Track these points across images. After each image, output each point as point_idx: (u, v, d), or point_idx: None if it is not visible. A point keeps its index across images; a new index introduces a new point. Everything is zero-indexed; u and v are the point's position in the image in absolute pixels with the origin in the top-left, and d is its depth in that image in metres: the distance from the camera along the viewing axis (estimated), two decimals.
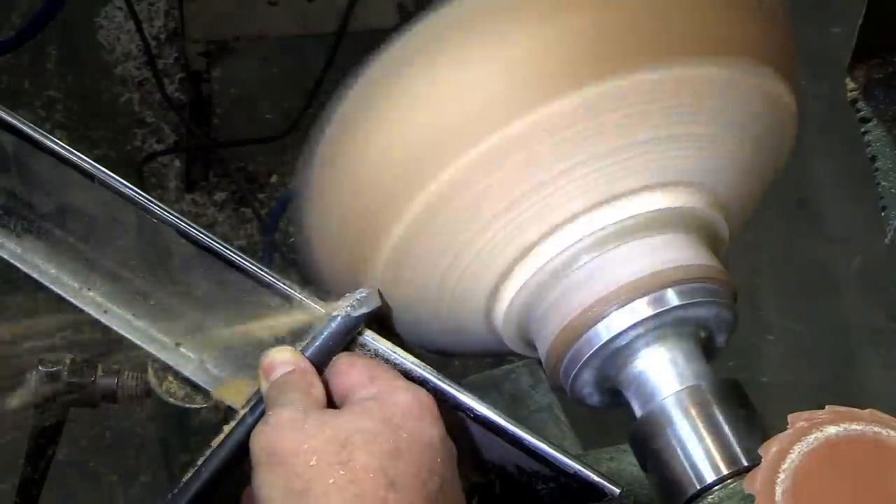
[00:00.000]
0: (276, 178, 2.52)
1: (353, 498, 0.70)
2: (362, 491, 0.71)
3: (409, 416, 0.76)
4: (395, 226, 0.82)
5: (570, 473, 0.82)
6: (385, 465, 0.72)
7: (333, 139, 0.85)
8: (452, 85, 0.79)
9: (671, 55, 0.79)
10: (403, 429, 0.75)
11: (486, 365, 1.58)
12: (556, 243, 0.82)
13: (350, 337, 0.83)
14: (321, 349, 0.82)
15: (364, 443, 0.73)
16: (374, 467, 0.72)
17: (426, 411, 0.77)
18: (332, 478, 0.71)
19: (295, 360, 0.80)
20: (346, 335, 0.83)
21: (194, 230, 0.87)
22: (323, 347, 0.82)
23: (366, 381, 0.79)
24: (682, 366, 0.81)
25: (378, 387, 0.78)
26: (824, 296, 2.44)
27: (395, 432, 0.74)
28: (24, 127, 0.88)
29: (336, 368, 0.81)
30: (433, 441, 0.76)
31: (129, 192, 0.87)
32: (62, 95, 2.59)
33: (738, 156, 0.85)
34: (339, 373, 0.80)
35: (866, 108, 1.11)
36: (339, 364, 0.81)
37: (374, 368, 0.80)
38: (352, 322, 0.83)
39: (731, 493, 0.76)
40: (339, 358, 0.82)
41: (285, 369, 0.80)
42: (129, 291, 0.90)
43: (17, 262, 0.91)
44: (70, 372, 0.99)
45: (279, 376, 0.80)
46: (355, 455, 0.72)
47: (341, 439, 0.73)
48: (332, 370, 0.81)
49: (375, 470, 0.72)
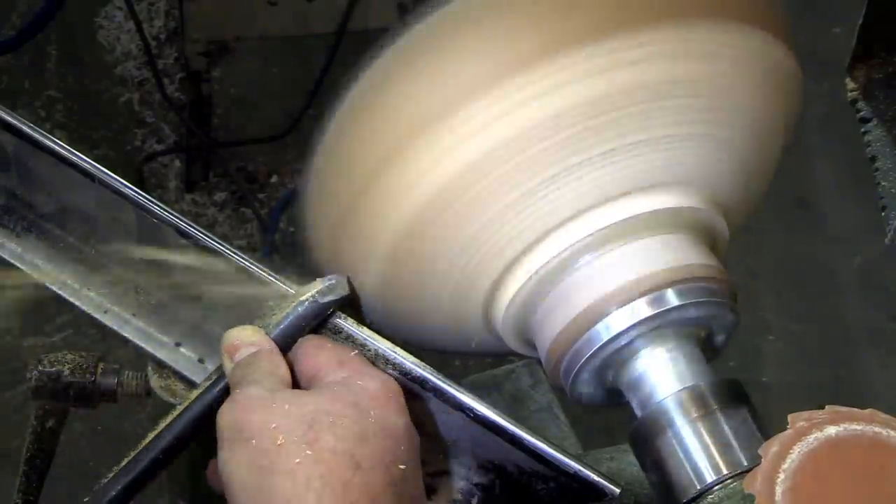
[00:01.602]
0: (276, 178, 2.52)
1: (319, 478, 0.71)
2: (328, 471, 0.71)
3: (376, 401, 0.76)
4: (394, 225, 0.82)
5: (570, 473, 0.82)
6: (351, 448, 0.72)
7: (334, 138, 0.85)
8: (451, 84, 0.79)
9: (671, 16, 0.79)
10: (371, 414, 0.75)
11: (486, 365, 1.58)
12: (555, 243, 0.82)
13: (316, 322, 0.83)
14: (286, 332, 0.81)
15: (331, 425, 0.73)
16: (340, 449, 0.72)
17: (393, 399, 0.78)
18: (298, 457, 0.71)
19: (259, 341, 0.80)
20: (313, 320, 0.82)
21: (194, 230, 0.87)
22: (288, 331, 0.82)
23: (334, 365, 0.79)
24: (682, 366, 0.81)
25: (347, 371, 0.78)
26: (824, 296, 2.44)
27: (363, 417, 0.75)
28: (24, 127, 0.88)
29: (303, 350, 0.81)
30: (398, 428, 0.76)
31: (129, 192, 0.87)
32: (62, 95, 2.58)
33: (737, 155, 0.85)
34: (306, 354, 0.81)
35: (866, 108, 1.11)
36: (307, 346, 0.81)
37: (343, 353, 0.80)
38: (319, 308, 0.82)
39: (731, 493, 0.76)
40: (306, 339, 0.82)
41: (250, 350, 0.80)
42: (129, 291, 0.90)
43: (17, 262, 0.91)
44: (70, 372, 0.99)
45: (244, 356, 0.80)
46: (322, 436, 0.72)
47: (309, 420, 0.73)
48: (300, 351, 0.81)
49: (342, 452, 0.72)
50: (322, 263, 0.90)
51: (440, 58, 0.80)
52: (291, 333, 0.82)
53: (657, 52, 0.79)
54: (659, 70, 0.79)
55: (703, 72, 0.81)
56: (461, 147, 0.79)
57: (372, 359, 0.82)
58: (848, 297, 2.44)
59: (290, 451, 0.72)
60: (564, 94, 0.78)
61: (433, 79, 0.80)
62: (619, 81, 0.78)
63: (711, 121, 0.82)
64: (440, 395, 0.82)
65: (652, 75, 0.79)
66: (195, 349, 0.90)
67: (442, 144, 0.79)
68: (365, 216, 0.83)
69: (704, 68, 0.81)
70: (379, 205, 0.82)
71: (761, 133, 0.87)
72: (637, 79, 0.79)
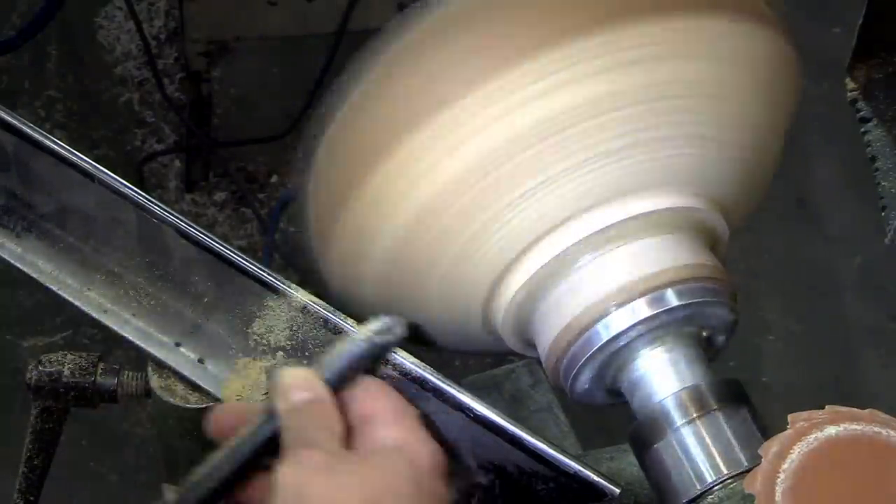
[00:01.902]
0: (276, 178, 2.52)
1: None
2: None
3: (430, 474, 0.75)
4: (394, 224, 0.82)
5: (570, 473, 0.82)
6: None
7: (331, 138, 0.85)
8: (449, 83, 0.79)
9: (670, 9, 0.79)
10: (427, 493, 0.74)
11: (486, 365, 1.58)
12: (555, 243, 0.81)
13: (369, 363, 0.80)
14: (340, 372, 0.79)
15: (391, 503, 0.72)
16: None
17: (441, 469, 0.76)
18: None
19: (314, 388, 0.78)
20: (367, 361, 0.80)
21: (194, 230, 0.87)
22: (342, 371, 0.79)
23: (390, 419, 0.77)
24: (681, 366, 0.81)
25: (401, 431, 0.76)
26: (824, 296, 2.44)
27: (422, 496, 0.73)
28: (24, 127, 0.88)
29: (360, 394, 0.78)
30: (445, 500, 0.75)
31: (129, 192, 0.87)
32: (62, 95, 2.58)
33: (737, 154, 0.85)
34: (363, 400, 0.78)
35: (866, 108, 1.11)
36: (364, 391, 0.79)
37: (399, 406, 0.78)
38: (376, 349, 0.80)
39: (731, 493, 0.76)
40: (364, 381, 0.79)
41: (304, 396, 0.77)
42: (129, 291, 0.90)
43: (17, 262, 0.91)
44: (70, 372, 0.99)
45: (298, 403, 0.77)
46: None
47: (370, 495, 0.71)
48: (356, 394, 0.79)
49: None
50: (319, 264, 0.90)
51: (438, 57, 0.80)
52: (345, 373, 0.79)
53: (656, 52, 0.79)
54: (658, 70, 0.79)
55: (702, 71, 0.81)
56: (461, 147, 0.79)
57: None
58: (848, 297, 2.44)
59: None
60: (564, 94, 0.78)
61: (430, 78, 0.80)
62: (619, 82, 0.78)
63: (711, 121, 0.82)
64: (440, 395, 0.82)
65: (651, 75, 0.79)
66: (195, 349, 0.90)
67: (441, 145, 0.79)
68: (363, 216, 0.83)
69: (703, 67, 0.81)
70: (377, 205, 0.82)
71: (761, 132, 0.87)
72: (636, 79, 0.79)
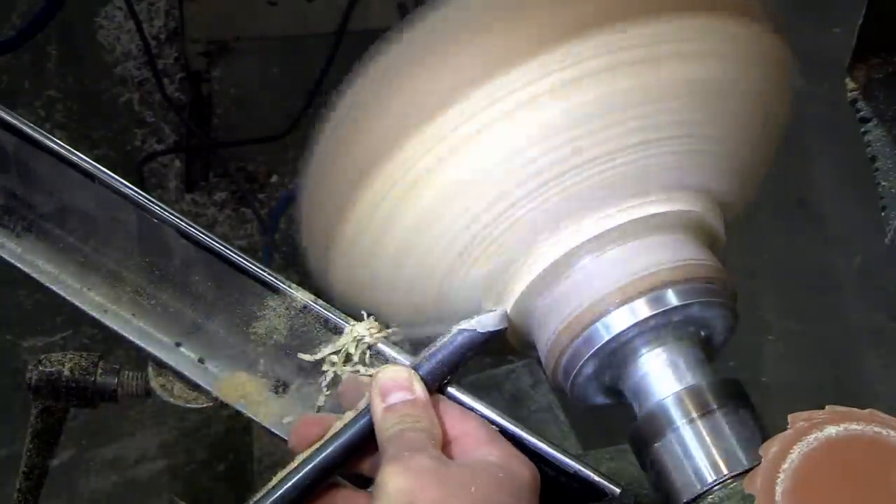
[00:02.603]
0: (276, 178, 2.52)
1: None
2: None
3: (530, 495, 0.75)
4: (395, 224, 0.82)
5: (570, 473, 0.82)
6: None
7: (331, 141, 0.85)
8: (450, 83, 0.79)
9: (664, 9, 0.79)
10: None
11: (486, 365, 1.58)
12: (556, 245, 0.82)
13: (473, 354, 0.81)
14: (439, 364, 0.80)
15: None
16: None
17: (537, 488, 0.76)
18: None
19: (413, 388, 0.78)
20: (469, 352, 0.81)
21: (194, 230, 0.87)
22: (441, 363, 0.80)
23: (485, 439, 0.77)
24: (681, 366, 0.81)
25: (499, 450, 0.76)
26: (824, 296, 2.44)
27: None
28: (24, 127, 0.88)
29: (450, 411, 0.78)
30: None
31: (129, 192, 0.87)
32: (62, 95, 2.58)
33: (735, 154, 0.85)
34: (453, 416, 0.78)
35: (866, 108, 1.11)
36: (448, 405, 0.79)
37: (489, 427, 0.78)
38: (477, 338, 0.80)
39: (731, 493, 0.76)
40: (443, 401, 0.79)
41: (403, 396, 0.77)
42: (129, 291, 0.90)
43: (17, 262, 0.91)
44: (70, 372, 0.99)
45: (397, 403, 0.77)
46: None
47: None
48: (447, 411, 0.78)
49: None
50: (317, 263, 0.90)
51: (434, 61, 0.80)
52: (447, 365, 0.80)
53: (652, 54, 0.79)
54: (655, 71, 0.79)
55: (699, 72, 0.81)
56: (462, 149, 0.79)
57: None
58: (848, 297, 2.44)
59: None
60: (561, 97, 0.78)
61: (428, 82, 0.80)
62: (616, 84, 0.78)
63: (709, 121, 0.82)
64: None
65: (648, 77, 0.79)
66: (195, 349, 0.90)
67: (443, 145, 0.79)
68: (363, 220, 0.83)
69: (700, 68, 0.81)
70: (377, 209, 0.82)
71: (757, 131, 0.87)
72: (633, 81, 0.79)
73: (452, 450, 0.77)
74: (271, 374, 0.89)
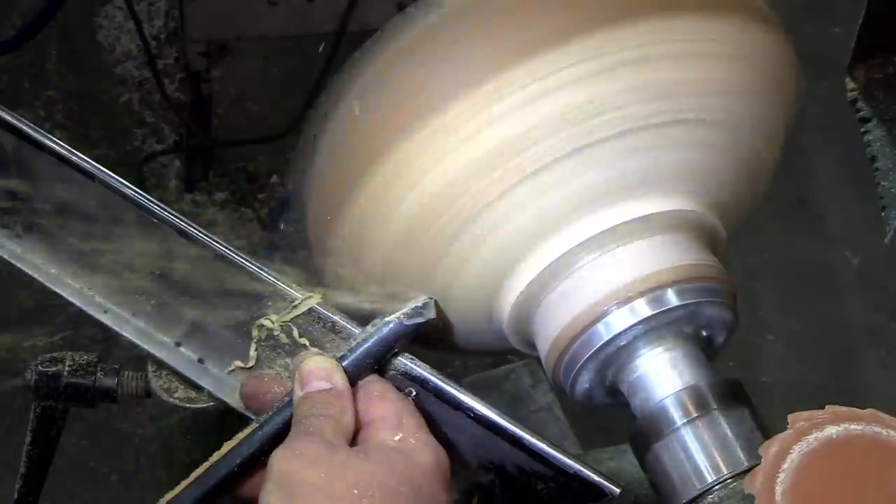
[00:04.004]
0: (276, 178, 2.52)
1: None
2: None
3: (429, 478, 0.75)
4: (394, 226, 0.82)
5: (570, 473, 0.82)
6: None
7: (330, 138, 0.85)
8: (454, 79, 0.79)
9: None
10: (422, 493, 0.74)
11: (486, 365, 1.58)
12: (557, 245, 0.82)
13: (398, 346, 0.82)
14: (364, 355, 0.81)
15: (382, 500, 0.72)
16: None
17: (444, 476, 0.77)
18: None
19: (332, 377, 0.79)
20: (395, 343, 0.82)
21: (194, 230, 0.87)
22: (367, 354, 0.81)
23: (393, 422, 0.78)
24: (681, 366, 0.81)
25: (404, 433, 0.77)
26: (824, 296, 2.44)
27: (415, 495, 0.74)
28: (24, 127, 0.88)
29: (366, 391, 0.80)
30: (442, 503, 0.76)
31: (129, 192, 0.87)
32: (62, 95, 2.59)
33: (737, 155, 0.85)
34: (368, 397, 0.79)
35: (866, 108, 1.11)
36: (371, 388, 0.80)
37: (404, 411, 0.79)
38: (402, 330, 0.81)
39: (731, 493, 0.76)
40: (371, 382, 0.80)
41: (322, 385, 0.78)
42: (129, 291, 0.90)
43: (17, 262, 0.91)
44: (70, 372, 0.99)
45: (314, 391, 0.78)
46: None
47: (362, 489, 0.72)
48: (363, 392, 0.80)
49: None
50: (319, 261, 0.90)
51: (433, 60, 0.80)
52: (372, 356, 0.81)
53: (656, 53, 0.79)
54: (658, 71, 0.79)
55: (702, 72, 0.81)
56: (464, 146, 0.79)
57: None
58: (848, 297, 2.44)
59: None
60: (563, 95, 0.78)
61: (428, 79, 0.80)
62: (618, 83, 0.78)
63: (711, 123, 0.82)
64: (440, 395, 0.82)
65: (650, 77, 0.79)
66: (195, 349, 0.90)
67: (446, 142, 0.79)
68: (362, 220, 0.83)
69: (703, 69, 0.81)
70: (378, 207, 0.82)
71: (761, 133, 0.87)
72: (635, 81, 0.79)
73: (362, 434, 0.78)
74: None
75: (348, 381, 0.80)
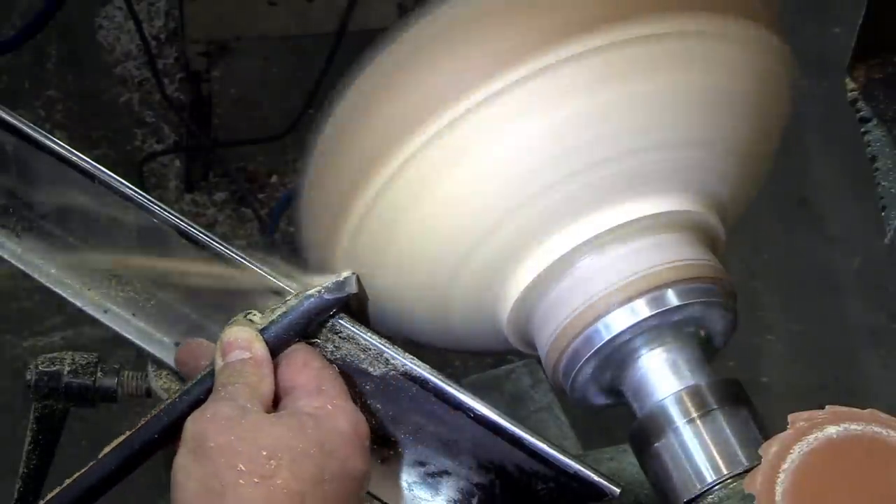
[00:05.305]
0: (276, 178, 2.52)
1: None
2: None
3: (342, 444, 0.76)
4: (396, 228, 0.82)
5: (570, 473, 0.82)
6: (304, 490, 0.72)
7: (333, 137, 0.85)
8: (449, 89, 0.79)
9: None
10: (333, 457, 0.75)
11: (486, 365, 1.58)
12: (557, 245, 0.82)
13: (320, 319, 0.83)
14: (286, 327, 0.82)
15: (291, 461, 0.73)
16: (294, 489, 0.72)
17: (360, 443, 0.77)
18: (249, 487, 0.72)
19: (252, 347, 0.80)
20: (316, 316, 0.82)
21: (194, 230, 0.87)
22: (288, 326, 0.82)
23: (312, 390, 0.79)
24: (681, 366, 0.81)
25: (322, 401, 0.78)
26: (824, 296, 2.44)
27: (325, 459, 0.74)
28: (24, 127, 0.88)
29: (289, 360, 0.81)
30: (357, 475, 0.76)
31: (129, 192, 0.87)
32: (62, 95, 2.58)
33: (735, 155, 0.85)
34: (290, 366, 0.80)
35: (866, 108, 1.11)
36: (294, 357, 0.81)
37: (325, 378, 0.80)
38: (323, 304, 0.82)
39: (731, 493, 0.77)
40: (296, 350, 0.81)
41: (241, 355, 0.80)
42: (129, 291, 0.90)
43: (17, 262, 0.91)
44: (70, 372, 0.99)
45: (234, 360, 0.79)
46: (279, 472, 0.72)
47: (270, 451, 0.73)
48: (286, 360, 0.81)
49: (294, 492, 0.72)
50: (319, 262, 0.90)
51: (435, 62, 0.80)
52: (292, 328, 0.82)
53: (653, 57, 0.79)
54: (656, 75, 0.79)
55: (699, 74, 0.81)
56: (465, 151, 0.79)
57: (374, 359, 0.82)
58: (848, 297, 2.44)
59: (243, 480, 0.72)
60: (565, 101, 0.78)
61: (430, 84, 0.80)
62: (617, 88, 0.78)
63: (709, 124, 0.82)
64: (440, 395, 0.82)
65: (649, 81, 0.79)
66: None
67: (442, 149, 0.79)
68: (363, 221, 0.83)
69: (700, 70, 0.81)
70: (379, 209, 0.82)
71: (757, 133, 0.87)
72: (634, 85, 0.79)
73: (283, 402, 0.79)
74: None
75: (268, 351, 0.80)
